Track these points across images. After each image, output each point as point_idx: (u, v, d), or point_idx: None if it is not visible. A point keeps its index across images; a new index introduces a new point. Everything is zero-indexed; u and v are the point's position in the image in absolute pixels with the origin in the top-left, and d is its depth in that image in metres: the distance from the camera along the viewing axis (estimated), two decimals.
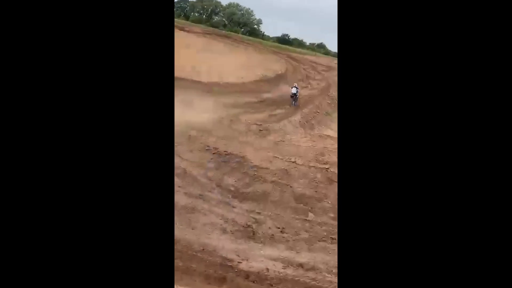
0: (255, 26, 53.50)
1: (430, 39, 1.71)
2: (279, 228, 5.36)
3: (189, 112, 8.69)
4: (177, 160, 6.72)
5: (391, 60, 1.74)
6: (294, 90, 15.06)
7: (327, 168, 7.22)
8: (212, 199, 6.06)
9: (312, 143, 8.09)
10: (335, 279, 4.79)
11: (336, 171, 7.24)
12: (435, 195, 1.66)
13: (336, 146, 8.35)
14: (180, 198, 5.87)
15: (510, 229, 1.61)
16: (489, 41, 1.66)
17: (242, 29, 51.14)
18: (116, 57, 1.74)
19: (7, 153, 1.66)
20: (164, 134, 1.79)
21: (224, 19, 47.95)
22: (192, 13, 43.90)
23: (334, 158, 7.54)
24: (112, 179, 1.72)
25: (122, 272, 1.70)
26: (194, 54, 18.35)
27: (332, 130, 13.64)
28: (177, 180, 6.23)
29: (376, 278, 1.66)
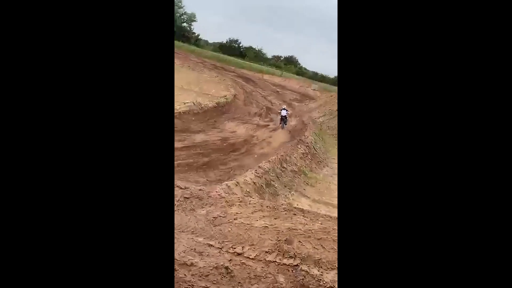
0: (185, 24, 54.15)
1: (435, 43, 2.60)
2: None
3: None
4: None
5: (396, 72, 2.64)
6: (284, 113, 22.92)
7: (296, 265, 7.32)
8: None
9: (272, 222, 8.21)
10: None
11: (311, 271, 7.25)
12: (435, 208, 2.55)
13: (312, 227, 8.50)
14: None
15: (510, 229, 2.42)
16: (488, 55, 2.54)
17: None
18: (118, 61, 2.69)
19: (5, 152, 2.50)
20: (164, 139, 2.75)
21: None
22: None
23: (308, 248, 7.69)
24: (112, 181, 2.66)
25: (120, 274, 2.61)
26: None
27: (307, 199, 14.14)
28: None
29: (376, 281, 2.52)
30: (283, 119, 22.56)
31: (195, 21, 51.75)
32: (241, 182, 12.06)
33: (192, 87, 24.67)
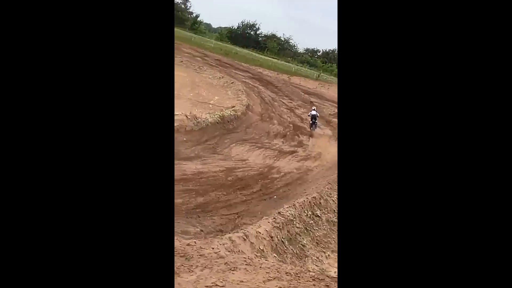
0: (178, 0, 49.11)
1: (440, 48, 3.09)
2: None
3: None
4: None
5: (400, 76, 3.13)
6: (314, 112, 25.11)
7: None
8: None
9: None
10: None
11: None
12: (434, 211, 3.03)
13: None
14: None
15: (510, 229, 2.98)
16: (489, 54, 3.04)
17: None
18: (117, 59, 3.23)
19: (5, 153, 3.07)
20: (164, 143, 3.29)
21: None
22: None
23: None
24: (113, 182, 3.18)
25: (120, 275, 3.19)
26: None
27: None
28: None
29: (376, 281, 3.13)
30: (313, 121, 24.89)
31: None
32: (252, 235, 10.80)
33: (185, 92, 22.70)
